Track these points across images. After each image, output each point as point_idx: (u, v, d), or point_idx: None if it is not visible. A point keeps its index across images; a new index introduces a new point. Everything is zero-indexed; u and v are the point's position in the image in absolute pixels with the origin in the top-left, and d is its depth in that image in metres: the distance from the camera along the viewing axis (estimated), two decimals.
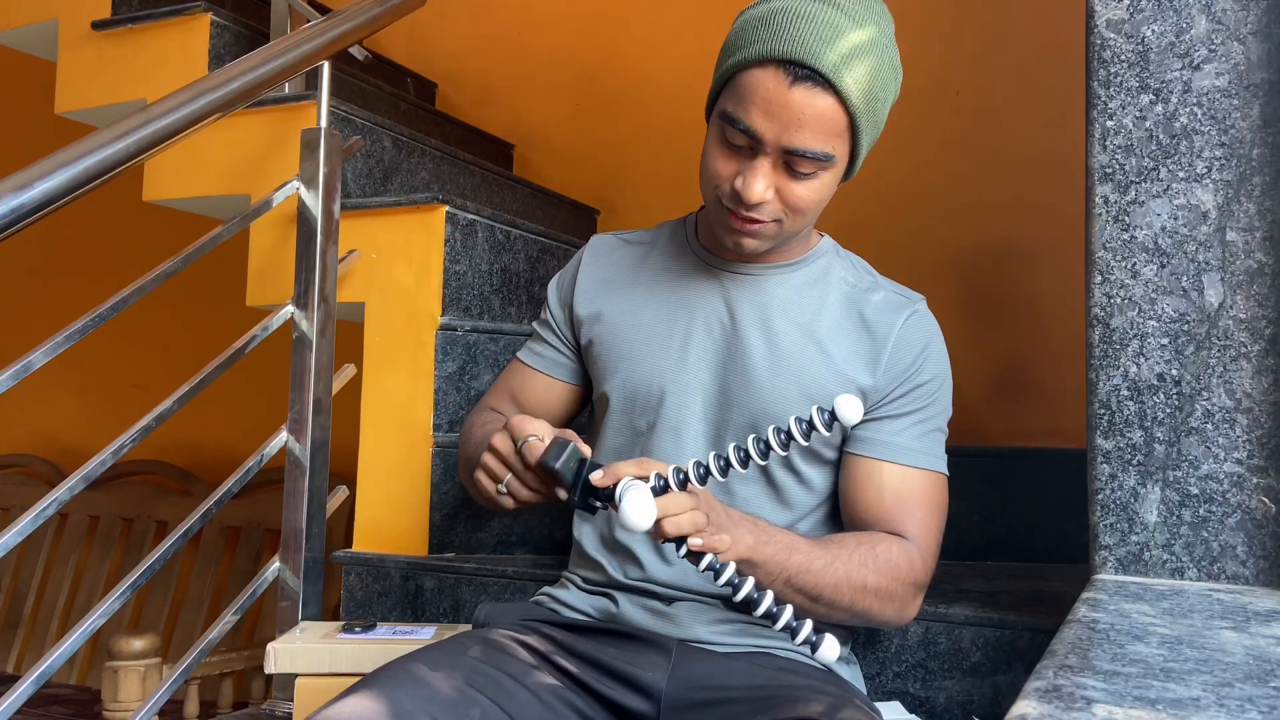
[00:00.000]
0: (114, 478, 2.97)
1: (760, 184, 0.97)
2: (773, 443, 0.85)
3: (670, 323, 1.10)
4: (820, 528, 1.10)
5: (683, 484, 0.86)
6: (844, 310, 1.08)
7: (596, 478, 0.87)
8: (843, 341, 1.06)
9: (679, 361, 1.07)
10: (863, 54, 0.95)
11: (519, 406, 1.22)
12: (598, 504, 0.88)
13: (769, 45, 0.94)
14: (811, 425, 0.83)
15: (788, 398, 1.04)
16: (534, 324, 1.25)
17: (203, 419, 2.64)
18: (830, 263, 1.12)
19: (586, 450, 0.89)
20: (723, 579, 0.85)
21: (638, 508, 0.80)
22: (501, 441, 0.95)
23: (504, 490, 0.94)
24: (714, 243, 1.12)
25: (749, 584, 0.85)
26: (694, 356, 1.07)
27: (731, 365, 1.06)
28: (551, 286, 1.22)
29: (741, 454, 0.85)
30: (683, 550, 0.85)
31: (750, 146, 0.97)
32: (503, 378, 1.26)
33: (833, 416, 0.83)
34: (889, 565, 1.00)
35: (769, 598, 0.85)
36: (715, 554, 0.86)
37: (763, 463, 0.86)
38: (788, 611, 0.84)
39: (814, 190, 1.00)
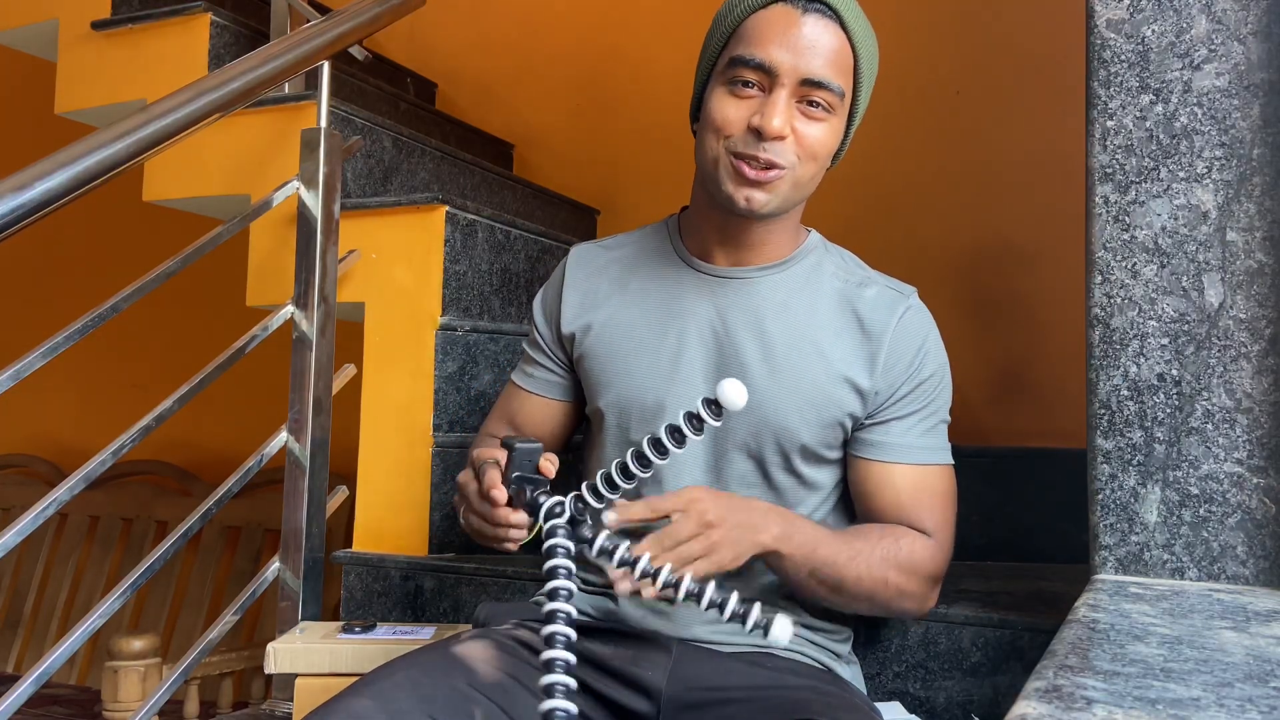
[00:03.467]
0: (114, 478, 2.97)
1: (779, 117, 0.97)
2: (666, 442, 0.83)
3: (661, 333, 1.08)
4: (828, 521, 1.09)
5: (600, 493, 0.86)
6: (838, 309, 1.07)
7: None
8: (838, 342, 1.05)
9: (672, 373, 1.06)
10: (857, 8, 1.02)
11: (517, 431, 1.21)
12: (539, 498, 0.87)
13: None
14: (699, 418, 0.82)
15: (785, 404, 1.03)
16: (524, 343, 1.23)
17: (203, 419, 2.64)
18: (820, 259, 1.11)
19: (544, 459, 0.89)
20: (660, 581, 0.83)
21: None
22: (485, 512, 0.93)
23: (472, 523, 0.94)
24: (702, 246, 1.11)
25: (687, 579, 0.82)
26: (687, 367, 1.06)
27: (726, 374, 1.06)
28: (537, 304, 1.20)
29: (635, 457, 0.85)
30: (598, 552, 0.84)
31: (764, 85, 0.99)
32: (500, 401, 1.25)
33: (719, 405, 0.81)
34: (911, 561, 1.01)
35: (710, 589, 0.82)
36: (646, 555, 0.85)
37: (661, 461, 0.85)
38: (733, 599, 0.81)
39: (824, 134, 1.01)
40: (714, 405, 0.81)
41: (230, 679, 1.96)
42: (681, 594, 0.82)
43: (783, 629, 0.79)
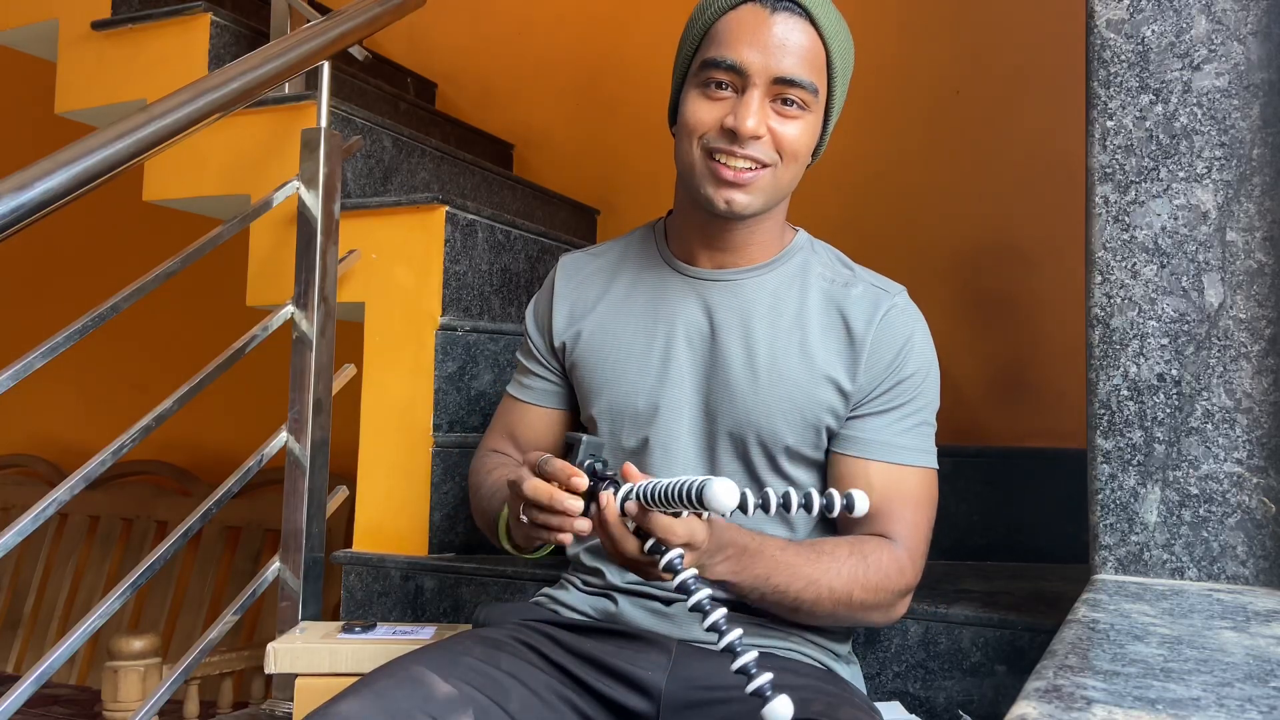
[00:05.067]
0: (114, 478, 2.97)
1: (753, 117, 0.97)
2: (794, 501, 0.81)
3: (649, 337, 1.08)
4: (815, 534, 1.09)
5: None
6: (824, 308, 1.06)
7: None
8: (823, 342, 1.05)
9: (661, 377, 1.07)
10: (828, 2, 1.01)
11: (518, 444, 1.20)
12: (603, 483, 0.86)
13: None
14: (828, 504, 0.81)
15: (769, 406, 1.03)
16: (517, 354, 1.23)
17: (203, 419, 2.64)
18: (807, 259, 1.10)
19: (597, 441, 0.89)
20: (692, 600, 0.80)
21: (726, 488, 0.75)
22: (539, 491, 0.87)
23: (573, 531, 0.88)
24: (687, 249, 1.11)
25: (717, 614, 0.79)
26: (676, 371, 1.06)
27: (713, 377, 1.06)
28: (529, 315, 1.20)
29: (746, 500, 0.81)
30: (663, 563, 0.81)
31: (737, 86, 0.99)
32: (497, 416, 1.24)
33: (848, 506, 0.80)
34: (880, 575, 0.99)
35: (734, 634, 0.78)
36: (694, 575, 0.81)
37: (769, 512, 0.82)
38: (749, 655, 0.76)
39: (801, 131, 1.01)
40: (845, 504, 0.80)
41: (230, 679, 1.96)
42: (706, 624, 0.79)
43: (783, 707, 0.72)
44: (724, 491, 0.75)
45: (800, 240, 1.12)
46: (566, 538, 0.87)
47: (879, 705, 1.09)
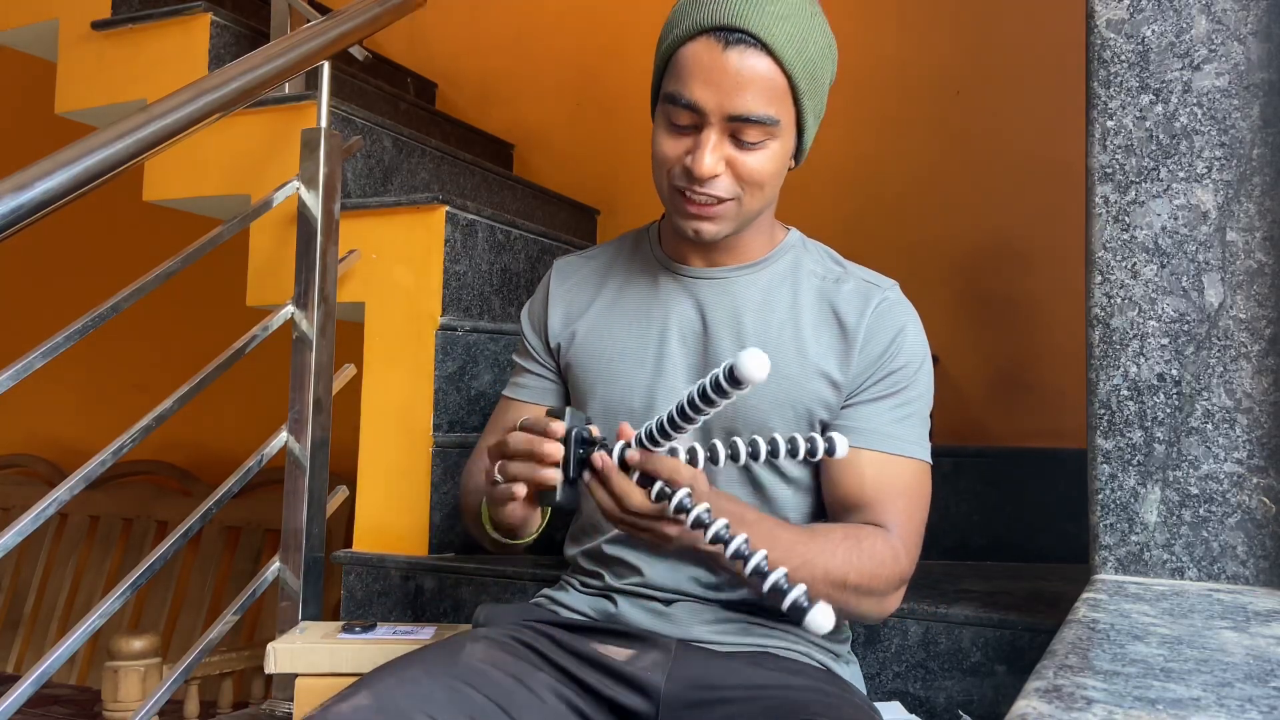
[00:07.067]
0: (114, 478, 2.97)
1: (710, 157, 0.97)
2: (781, 447, 0.81)
3: (643, 336, 1.09)
4: (808, 519, 1.09)
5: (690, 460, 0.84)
6: (816, 304, 1.07)
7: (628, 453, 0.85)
8: (816, 336, 1.05)
9: (655, 375, 1.07)
10: (791, 16, 0.97)
11: None
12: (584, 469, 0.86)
13: (699, 17, 0.96)
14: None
15: (762, 400, 1.03)
16: (514, 356, 1.23)
17: (203, 419, 2.64)
18: (798, 257, 1.10)
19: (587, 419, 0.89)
20: (710, 532, 0.79)
21: (756, 358, 0.73)
22: (517, 438, 0.88)
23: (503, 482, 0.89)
24: (678, 250, 1.11)
25: (739, 540, 0.79)
26: (669, 368, 1.07)
27: (706, 373, 1.06)
28: (524, 317, 1.20)
29: (738, 448, 0.82)
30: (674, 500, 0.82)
31: (695, 123, 0.98)
32: (492, 419, 1.23)
33: (829, 450, 0.79)
34: (874, 562, 0.98)
35: (759, 555, 0.78)
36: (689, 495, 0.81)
37: (746, 462, 0.83)
38: (777, 573, 0.76)
39: (765, 161, 0.99)
40: (825, 446, 0.79)
41: (230, 679, 1.96)
42: (731, 549, 0.78)
43: (823, 616, 0.72)
44: (754, 362, 0.73)
45: (792, 239, 1.12)
46: (520, 490, 0.87)
47: (879, 705, 1.09)
